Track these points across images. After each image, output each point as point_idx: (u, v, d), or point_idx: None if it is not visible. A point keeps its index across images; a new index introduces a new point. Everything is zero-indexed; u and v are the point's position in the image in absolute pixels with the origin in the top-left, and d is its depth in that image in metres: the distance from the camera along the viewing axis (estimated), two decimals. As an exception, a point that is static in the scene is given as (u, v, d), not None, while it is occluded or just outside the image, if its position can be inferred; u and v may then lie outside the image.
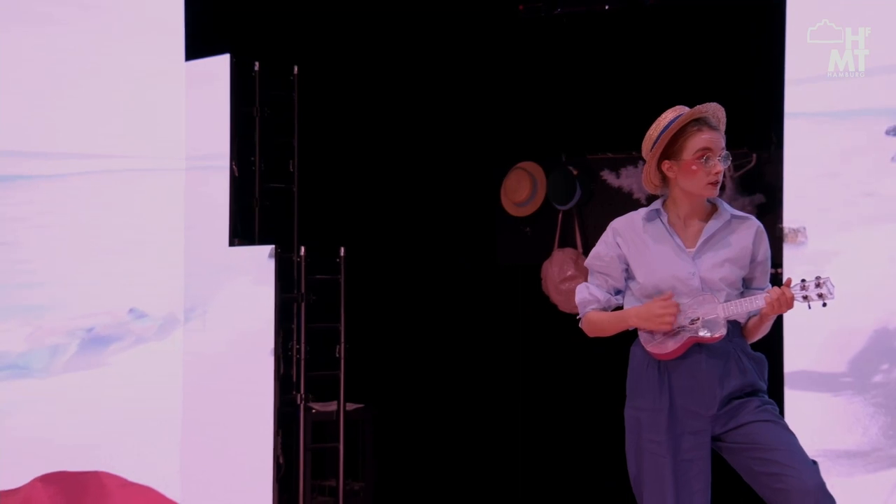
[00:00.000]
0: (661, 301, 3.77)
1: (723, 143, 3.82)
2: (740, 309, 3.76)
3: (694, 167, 3.79)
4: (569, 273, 6.75)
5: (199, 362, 6.39)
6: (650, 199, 6.08)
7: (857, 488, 5.21)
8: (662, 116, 3.84)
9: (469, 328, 7.08)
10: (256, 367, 6.17)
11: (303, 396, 6.25)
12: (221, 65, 6.21)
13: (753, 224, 3.89)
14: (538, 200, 6.92)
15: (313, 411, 6.32)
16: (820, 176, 5.46)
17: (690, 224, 3.86)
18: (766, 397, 3.84)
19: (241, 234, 6.26)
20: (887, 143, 5.30)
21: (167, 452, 6.28)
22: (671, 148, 3.81)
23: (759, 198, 6.39)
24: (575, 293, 4.00)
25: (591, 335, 3.96)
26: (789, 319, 4.81)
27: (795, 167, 5.47)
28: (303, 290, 6.27)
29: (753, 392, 3.81)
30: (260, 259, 6.19)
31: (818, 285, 3.70)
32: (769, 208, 6.10)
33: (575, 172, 6.86)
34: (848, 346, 5.33)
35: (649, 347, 3.80)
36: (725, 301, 3.78)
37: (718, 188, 3.83)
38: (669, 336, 3.79)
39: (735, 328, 3.83)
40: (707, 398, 3.78)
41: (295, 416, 6.25)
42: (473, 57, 6.82)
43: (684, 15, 6.29)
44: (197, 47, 6.33)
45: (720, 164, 3.79)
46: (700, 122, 3.81)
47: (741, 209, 4.36)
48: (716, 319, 3.75)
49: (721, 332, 3.76)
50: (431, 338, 6.97)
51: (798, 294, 3.71)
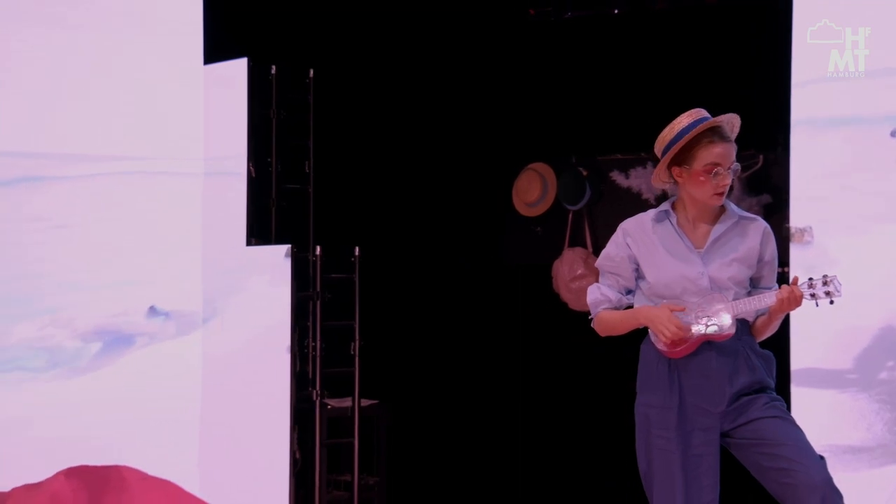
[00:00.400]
0: (669, 314, 3.75)
1: (733, 155, 3.81)
2: (749, 307, 3.78)
3: (702, 178, 3.79)
4: (579, 272, 6.74)
5: (217, 359, 6.39)
6: (658, 200, 6.16)
7: (862, 483, 5.18)
8: (678, 120, 3.84)
9: (479, 326, 7.06)
10: (273, 365, 6.18)
11: (318, 393, 6.26)
12: (239, 68, 6.23)
13: (761, 225, 3.90)
14: (549, 201, 6.91)
15: (329, 407, 6.33)
16: (826, 176, 5.42)
17: (699, 225, 3.87)
18: (775, 394, 3.85)
19: (258, 234, 6.27)
20: (893, 144, 5.28)
21: (186, 447, 6.28)
22: (683, 155, 3.81)
23: (766, 198, 6.34)
24: (586, 293, 4.00)
25: (603, 334, 3.98)
26: (796, 317, 4.73)
27: (801, 168, 5.44)
28: (318, 289, 6.27)
29: (762, 389, 3.82)
30: (276, 258, 6.20)
31: (825, 283, 3.73)
32: (776, 208, 6.06)
33: (585, 173, 6.85)
34: (853, 344, 5.31)
35: (660, 345, 3.82)
36: (734, 300, 3.78)
37: (724, 197, 3.83)
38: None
39: (744, 326, 3.83)
40: (716, 395, 3.80)
41: (311, 412, 6.25)
42: (485, 60, 6.81)
43: (691, 18, 6.28)
44: (215, 51, 6.34)
45: (727, 178, 3.79)
46: (714, 133, 3.80)
47: (748, 209, 4.33)
48: (725, 318, 3.76)
49: (730, 331, 3.77)
50: (444, 335, 6.95)
51: (806, 292, 3.72)
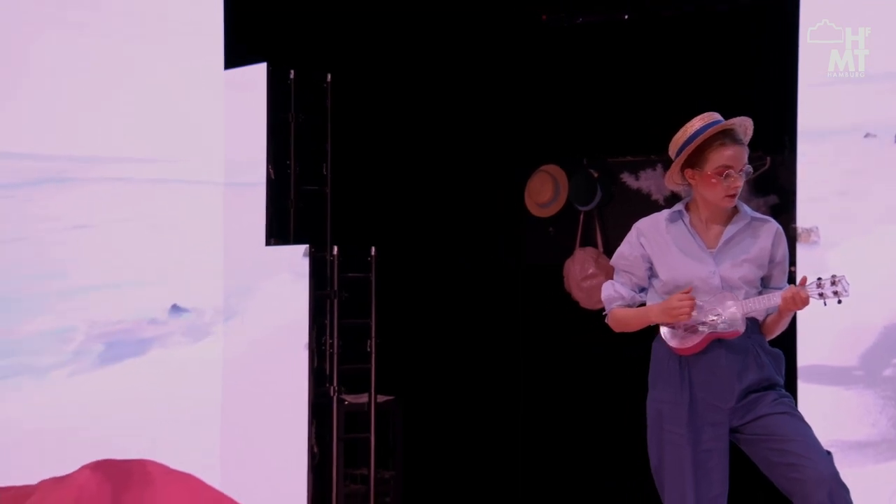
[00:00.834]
0: (679, 294, 3.82)
1: (745, 158, 3.85)
2: (758, 306, 3.82)
3: (714, 181, 3.83)
4: (590, 271, 6.68)
5: (238, 356, 6.46)
6: (668, 201, 6.22)
7: (868, 478, 5.25)
8: (691, 123, 3.88)
9: (492, 324, 7.02)
10: (291, 362, 6.24)
11: (336, 389, 6.28)
12: (259, 73, 6.27)
13: (773, 226, 3.94)
14: (561, 202, 6.86)
15: (346, 403, 6.34)
16: (832, 177, 5.50)
17: (712, 226, 3.92)
18: (783, 391, 3.89)
19: (278, 234, 6.29)
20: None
21: (208, 442, 6.35)
22: (695, 157, 3.85)
23: (773, 199, 6.26)
24: (596, 291, 4.10)
25: (617, 330, 4.03)
26: (803, 316, 4.66)
27: (808, 169, 5.48)
28: (336, 288, 6.30)
29: (770, 386, 3.87)
30: (295, 258, 6.28)
31: (833, 283, 3.74)
32: (783, 209, 6.02)
33: (596, 175, 6.82)
34: (859, 342, 5.38)
35: (671, 343, 3.88)
36: (744, 299, 3.83)
37: (736, 199, 3.88)
38: (690, 332, 3.84)
39: (753, 325, 3.88)
40: (726, 392, 3.84)
41: (328, 408, 6.28)
42: (498, 64, 6.81)
43: (699, 24, 6.27)
44: (235, 57, 6.39)
45: (739, 181, 3.83)
46: (726, 136, 3.84)
47: (756, 209, 4.33)
48: (735, 316, 3.81)
49: (740, 329, 3.82)
50: (458, 333, 6.92)
51: (814, 292, 3.76)
